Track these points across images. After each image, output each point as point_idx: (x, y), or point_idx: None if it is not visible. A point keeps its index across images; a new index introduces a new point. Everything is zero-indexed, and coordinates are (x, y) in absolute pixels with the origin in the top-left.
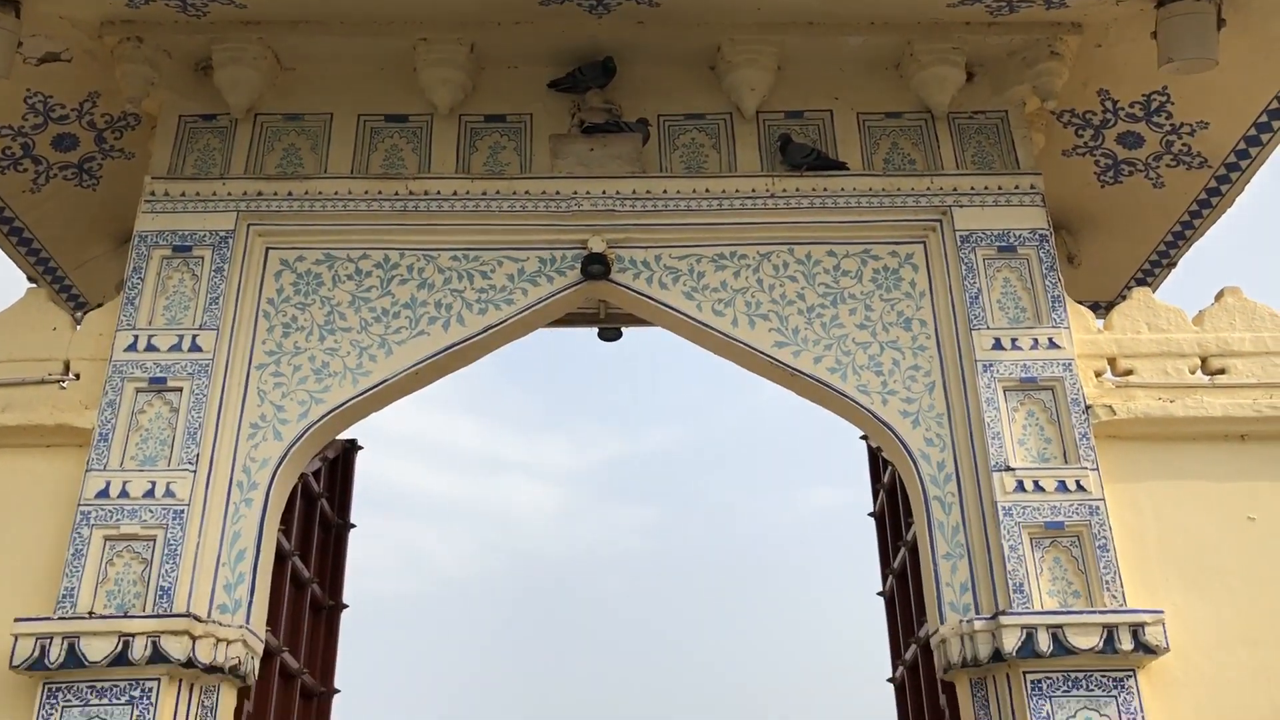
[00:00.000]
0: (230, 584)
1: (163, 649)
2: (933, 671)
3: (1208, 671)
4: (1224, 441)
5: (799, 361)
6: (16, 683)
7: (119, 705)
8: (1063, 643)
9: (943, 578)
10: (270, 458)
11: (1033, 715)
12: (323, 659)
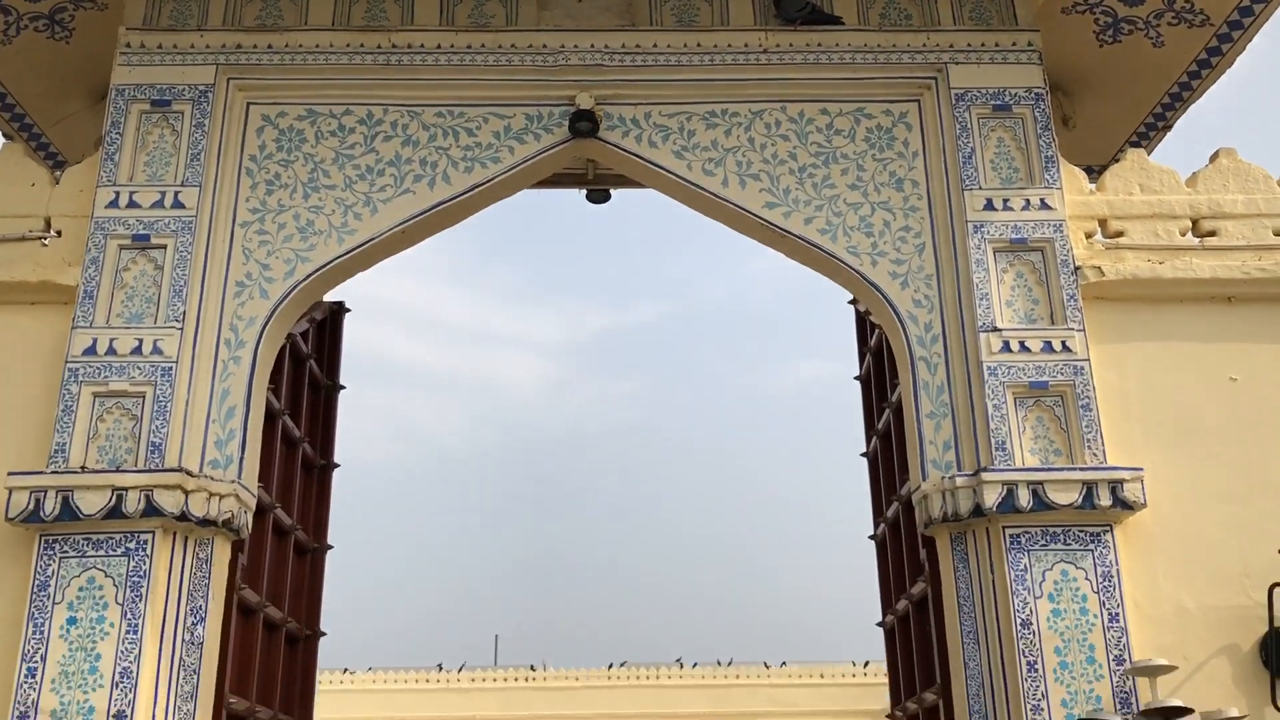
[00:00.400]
0: (221, 440)
1: (156, 502)
2: (913, 528)
3: (1183, 527)
4: (1211, 304)
5: (789, 223)
6: (13, 535)
7: (115, 557)
8: (1042, 498)
9: (926, 436)
10: (257, 316)
11: (1010, 568)
12: (315, 516)
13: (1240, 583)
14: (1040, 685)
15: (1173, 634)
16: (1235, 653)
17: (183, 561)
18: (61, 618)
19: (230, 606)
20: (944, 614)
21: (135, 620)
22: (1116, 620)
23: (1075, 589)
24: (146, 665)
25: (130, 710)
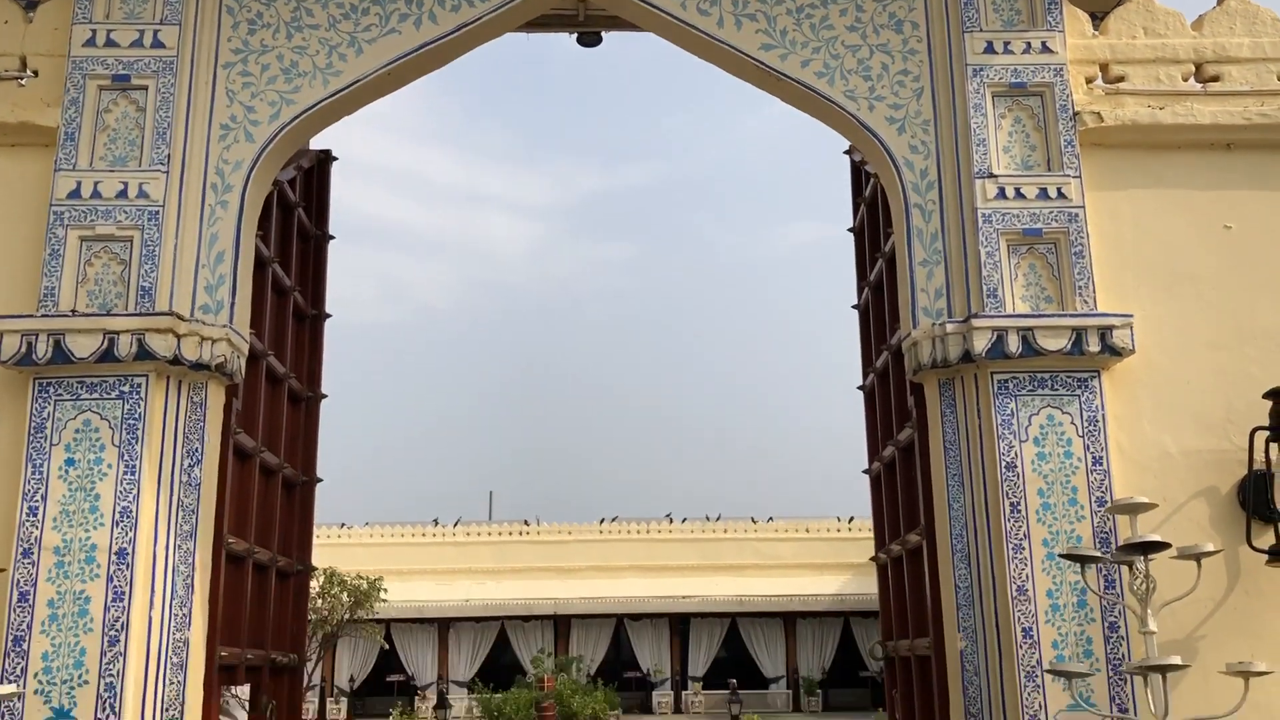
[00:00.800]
0: (211, 285)
1: (148, 346)
2: (902, 377)
3: (1169, 372)
4: (1210, 150)
5: (786, 65)
6: (7, 378)
7: (109, 400)
8: (1031, 344)
9: (918, 284)
10: (243, 160)
11: (997, 413)
12: (308, 366)
13: (1223, 427)
14: (1023, 525)
15: (1155, 477)
16: (1214, 495)
17: (177, 405)
18: (60, 459)
19: (226, 450)
20: (930, 458)
21: (132, 461)
22: (1100, 463)
23: (1060, 433)
24: (145, 505)
25: (131, 547)
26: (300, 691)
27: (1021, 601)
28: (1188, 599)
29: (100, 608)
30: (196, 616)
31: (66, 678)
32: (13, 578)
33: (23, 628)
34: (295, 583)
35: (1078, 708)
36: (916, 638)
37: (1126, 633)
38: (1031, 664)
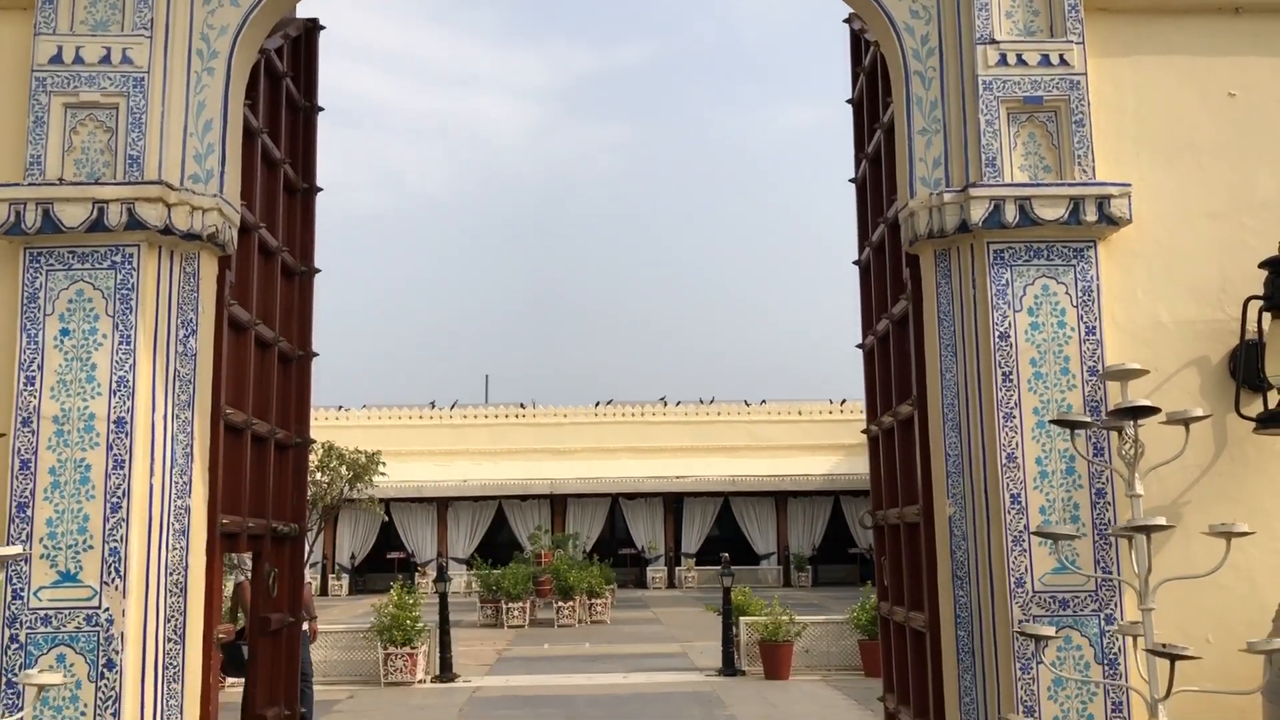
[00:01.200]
0: (200, 154)
1: (138, 215)
2: (898, 249)
3: (1166, 243)
4: (1216, 15)
5: None
6: None
7: (102, 270)
8: (1029, 214)
9: (916, 153)
10: (229, 25)
11: (992, 283)
12: (301, 240)
13: (1217, 297)
14: (1014, 394)
15: (1147, 347)
16: (1205, 365)
17: (170, 275)
18: (54, 329)
19: (221, 321)
20: (923, 329)
21: (127, 332)
22: (1093, 333)
23: (1055, 303)
24: (142, 374)
25: (129, 416)
26: (301, 561)
27: (1010, 469)
28: (1175, 465)
29: (101, 475)
30: (197, 484)
31: (71, 543)
32: (13, 446)
33: (26, 495)
34: (294, 455)
35: (1063, 570)
36: (906, 506)
37: (1113, 499)
38: (1019, 529)
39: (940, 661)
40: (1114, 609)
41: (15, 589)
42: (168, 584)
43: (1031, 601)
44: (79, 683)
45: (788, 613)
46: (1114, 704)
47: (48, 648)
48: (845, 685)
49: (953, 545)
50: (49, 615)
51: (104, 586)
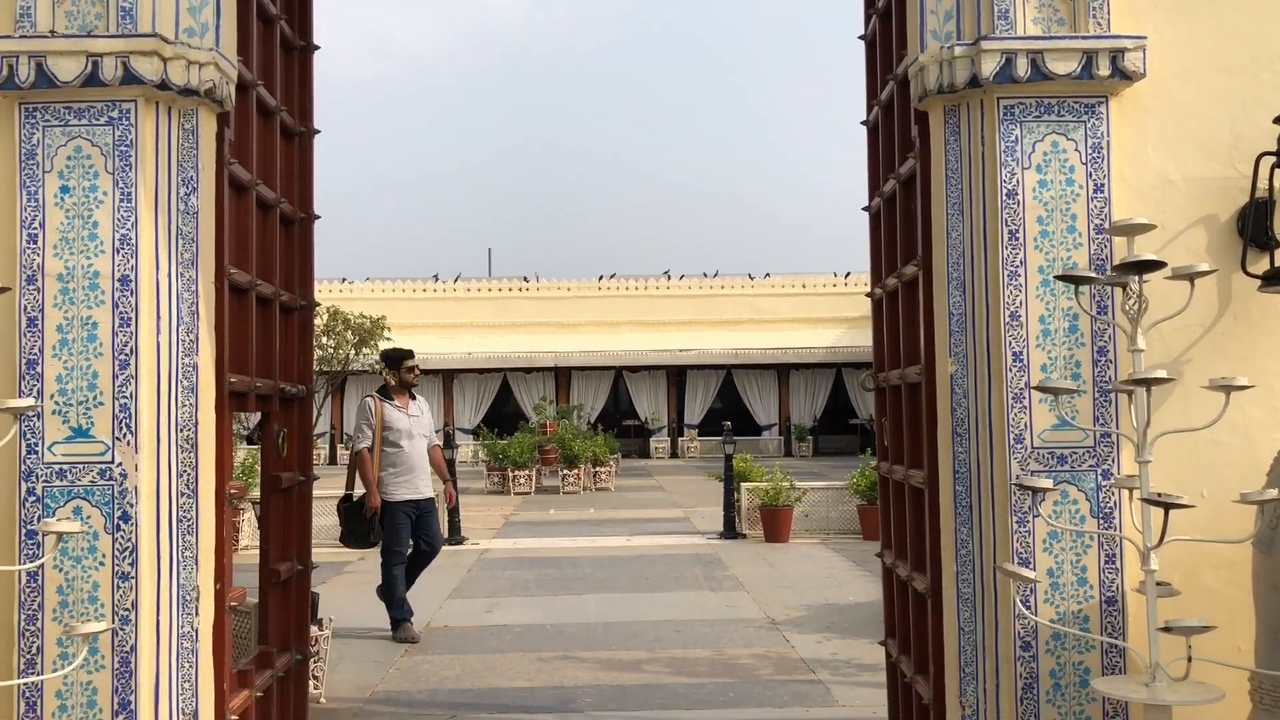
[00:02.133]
0: (194, 6)
1: (134, 69)
2: (907, 108)
3: (1178, 97)
4: None
5: None
6: None
7: (99, 126)
8: (1040, 68)
9: (928, 5)
10: None
11: (1001, 139)
12: (300, 100)
13: (1229, 154)
14: (1020, 253)
15: (1155, 206)
16: (1214, 223)
17: (169, 132)
18: (54, 186)
19: (221, 179)
20: (930, 187)
21: (128, 189)
22: (1101, 191)
23: (1064, 160)
24: (144, 232)
25: (134, 274)
26: (310, 421)
27: (1014, 327)
28: (1177, 323)
29: (108, 333)
30: (203, 343)
31: (82, 399)
32: (19, 304)
33: (35, 352)
34: (299, 318)
35: (1062, 426)
36: (908, 366)
37: (1115, 357)
38: (1020, 386)
39: (938, 516)
40: (1111, 464)
41: (30, 444)
42: (178, 440)
43: (1030, 457)
44: (96, 534)
45: (788, 478)
46: (1107, 555)
47: (64, 501)
48: (843, 548)
49: (953, 403)
50: (64, 470)
51: (116, 442)
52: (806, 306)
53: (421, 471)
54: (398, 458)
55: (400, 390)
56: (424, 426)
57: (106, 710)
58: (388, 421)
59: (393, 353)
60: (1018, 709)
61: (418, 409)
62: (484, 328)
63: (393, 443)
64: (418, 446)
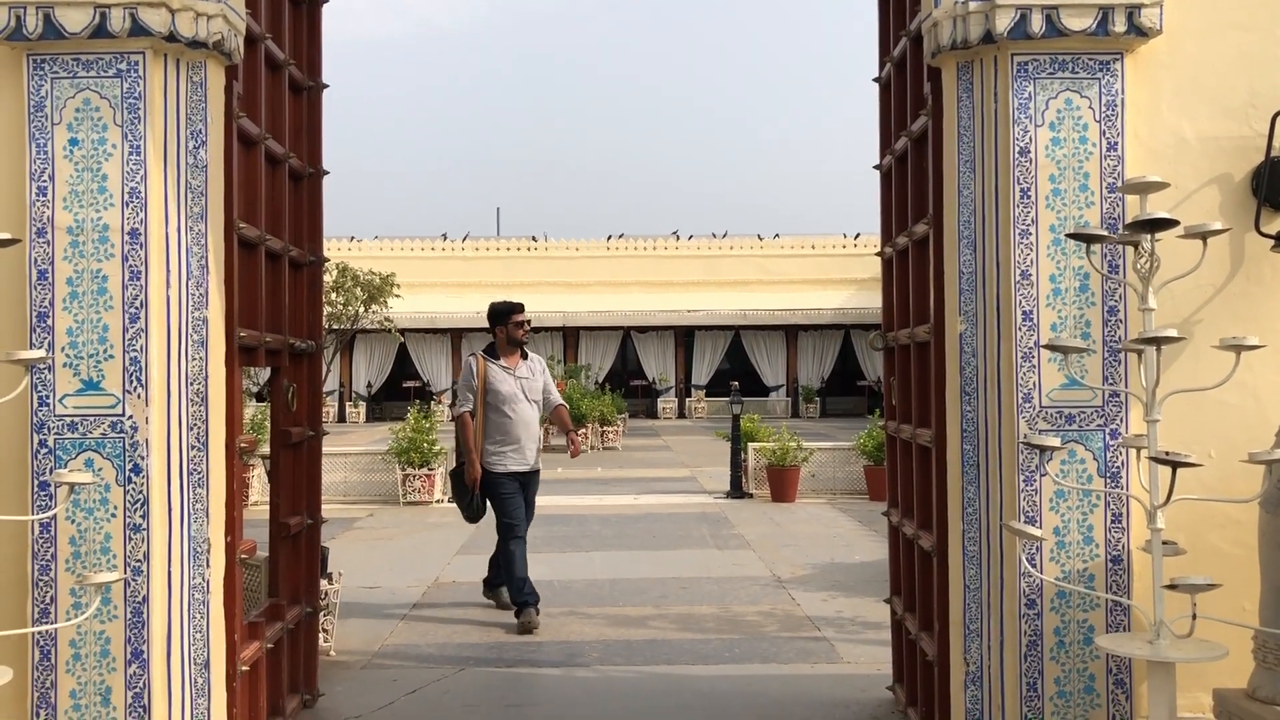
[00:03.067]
0: None
1: (142, 20)
2: (920, 64)
3: (1194, 55)
4: None
5: None
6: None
7: (108, 78)
8: (1055, 24)
9: None
10: None
11: (1015, 97)
12: (308, 54)
13: (1244, 113)
14: (1031, 211)
15: (1169, 165)
16: (1227, 182)
17: (177, 85)
18: (63, 139)
19: (230, 133)
20: (942, 145)
21: (137, 142)
22: (1114, 149)
23: (1078, 118)
24: (153, 185)
25: (143, 228)
26: (319, 377)
27: (1024, 286)
28: (1189, 283)
29: (118, 286)
30: (213, 297)
31: (92, 352)
32: (30, 256)
33: (45, 304)
34: (308, 273)
35: (1071, 385)
36: (917, 325)
37: (1125, 317)
38: (1029, 345)
39: (945, 474)
40: (1119, 424)
41: (41, 396)
42: (189, 394)
43: (1038, 416)
44: (108, 486)
45: (795, 439)
46: (1114, 515)
47: (75, 453)
48: (849, 508)
49: (962, 362)
50: (75, 422)
51: (126, 395)
52: (815, 267)
53: (530, 440)
54: (502, 425)
55: (509, 349)
56: (535, 389)
57: (120, 659)
58: (490, 384)
59: (499, 306)
60: (1021, 666)
61: (528, 369)
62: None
63: (496, 408)
64: (525, 413)
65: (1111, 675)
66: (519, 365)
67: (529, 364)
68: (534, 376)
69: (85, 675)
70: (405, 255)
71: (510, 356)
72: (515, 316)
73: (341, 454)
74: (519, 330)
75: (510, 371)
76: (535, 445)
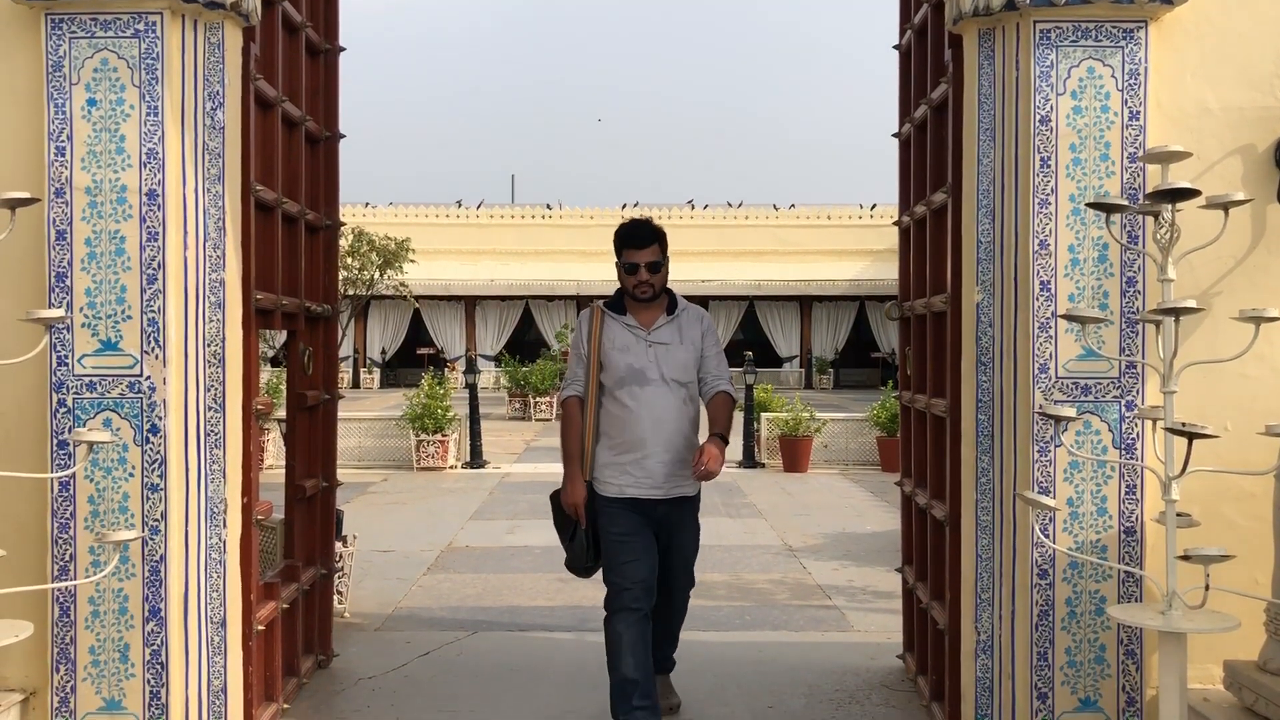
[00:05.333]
0: None
1: None
2: (941, 31)
3: (1220, 23)
4: None
5: None
6: (17, 13)
7: (125, 38)
8: None
9: None
10: None
11: (1036, 64)
12: (325, 15)
13: (1270, 83)
14: (1051, 180)
15: (1191, 134)
16: (1250, 153)
17: (194, 45)
18: (81, 99)
19: (247, 95)
20: (963, 113)
21: (154, 103)
22: (1136, 118)
23: (1100, 86)
24: (171, 146)
25: (161, 189)
26: (335, 341)
27: (1042, 255)
28: (1209, 254)
29: (136, 247)
30: (230, 259)
31: (110, 312)
32: (48, 216)
33: (64, 265)
34: (324, 237)
35: (1087, 356)
36: (933, 295)
37: (1143, 288)
38: (1046, 316)
39: (959, 444)
40: (1135, 396)
41: (60, 356)
42: (206, 355)
43: (1054, 387)
44: (125, 446)
45: (808, 409)
46: (1128, 486)
47: (94, 412)
48: (862, 479)
49: (978, 332)
50: (94, 382)
51: (144, 355)
52: (831, 238)
53: (663, 445)
54: (618, 420)
55: (642, 302)
56: (678, 362)
57: (137, 616)
58: (605, 349)
59: (626, 230)
60: (1032, 635)
61: (673, 331)
62: (507, 255)
63: (610, 392)
64: (657, 400)
65: (1122, 646)
66: (658, 324)
67: (677, 322)
68: (679, 343)
69: (104, 632)
70: (420, 222)
71: (646, 311)
72: (628, 253)
73: (356, 419)
74: (630, 278)
75: (640, 334)
76: (675, 454)
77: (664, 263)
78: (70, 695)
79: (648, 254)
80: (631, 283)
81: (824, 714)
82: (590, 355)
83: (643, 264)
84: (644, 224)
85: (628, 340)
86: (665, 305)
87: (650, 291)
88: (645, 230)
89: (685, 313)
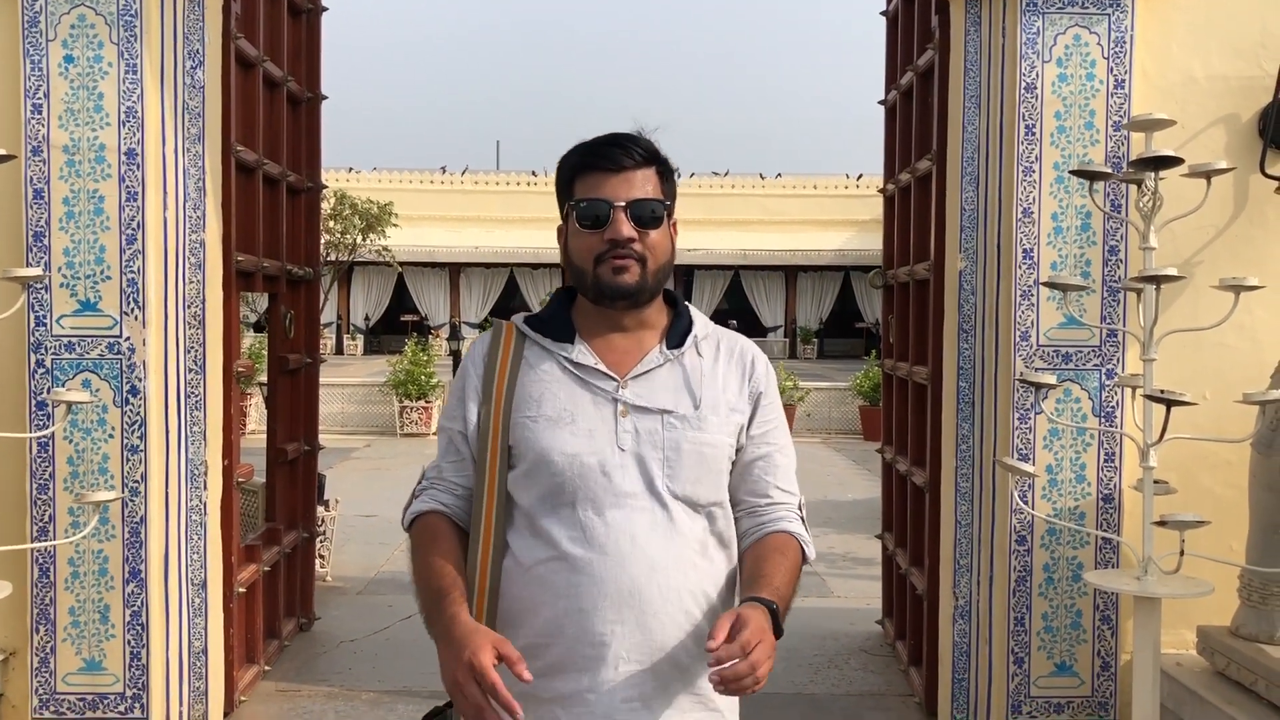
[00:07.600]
0: None
1: None
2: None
3: None
4: None
5: None
6: None
7: None
8: None
9: None
10: None
11: (1023, 31)
12: None
13: (1256, 53)
14: (1035, 148)
15: (1176, 104)
16: (1234, 123)
17: (174, 2)
18: (58, 55)
19: (228, 54)
20: (948, 79)
21: (133, 60)
22: (1121, 87)
23: (1085, 54)
24: (150, 106)
25: (140, 148)
26: (317, 304)
27: (1025, 223)
28: (1191, 223)
29: (115, 207)
30: (210, 220)
31: (89, 273)
32: (25, 174)
33: (41, 224)
34: (306, 200)
35: (1068, 324)
36: (917, 263)
37: (1125, 257)
38: (1028, 283)
39: (940, 411)
40: (1116, 364)
41: (38, 316)
42: (186, 317)
43: (1035, 355)
44: (105, 406)
45: (791, 378)
46: (1106, 454)
47: (73, 373)
48: (844, 447)
49: (961, 299)
50: (72, 342)
51: (124, 316)
52: (817, 208)
53: (657, 654)
54: (550, 588)
55: (618, 303)
56: (695, 447)
57: (117, 578)
58: (522, 416)
59: (592, 145)
60: (1010, 601)
61: (677, 378)
62: (491, 221)
63: (531, 520)
64: (646, 539)
65: (1098, 611)
66: (648, 365)
67: (694, 358)
68: (694, 408)
69: (84, 593)
70: (403, 187)
71: (620, 329)
72: (593, 183)
73: (340, 385)
74: (593, 237)
75: (603, 383)
76: (674, 671)
77: (667, 211)
78: (50, 655)
79: (635, 186)
80: (597, 250)
81: (803, 678)
82: (491, 427)
83: (622, 205)
84: (628, 136)
85: (574, 396)
86: (667, 319)
87: (638, 275)
88: (630, 145)
89: (710, 342)
